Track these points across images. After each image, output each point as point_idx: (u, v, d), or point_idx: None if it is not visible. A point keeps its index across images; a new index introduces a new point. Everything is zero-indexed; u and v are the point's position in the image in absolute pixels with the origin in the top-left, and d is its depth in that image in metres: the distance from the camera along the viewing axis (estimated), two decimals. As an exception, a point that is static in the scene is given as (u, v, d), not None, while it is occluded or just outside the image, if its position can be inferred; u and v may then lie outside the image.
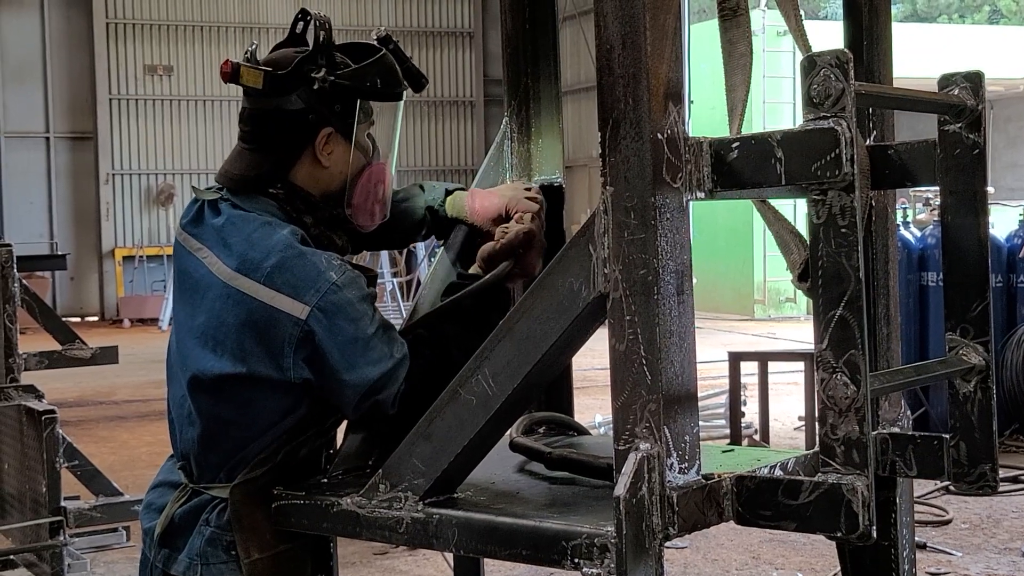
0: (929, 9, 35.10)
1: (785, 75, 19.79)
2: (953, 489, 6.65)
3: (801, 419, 9.70)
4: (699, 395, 2.05)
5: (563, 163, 2.86)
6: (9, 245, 5.88)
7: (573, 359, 2.40)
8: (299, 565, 2.43)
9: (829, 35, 9.56)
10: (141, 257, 23.39)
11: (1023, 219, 9.55)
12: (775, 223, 2.33)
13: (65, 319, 7.18)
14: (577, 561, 1.97)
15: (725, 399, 9.63)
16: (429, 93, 25.68)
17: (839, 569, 2.53)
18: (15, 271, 5.80)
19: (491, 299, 2.46)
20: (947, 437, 2.25)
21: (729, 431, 9.11)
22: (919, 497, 7.01)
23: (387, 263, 18.95)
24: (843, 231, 1.84)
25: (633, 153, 1.92)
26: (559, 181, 2.80)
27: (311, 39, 2.48)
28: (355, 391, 2.34)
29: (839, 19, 2.55)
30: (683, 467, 1.95)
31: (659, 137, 1.91)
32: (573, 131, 22.75)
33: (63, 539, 5.14)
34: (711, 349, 12.74)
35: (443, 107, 26.48)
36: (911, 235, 9.33)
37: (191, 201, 2.56)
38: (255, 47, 2.51)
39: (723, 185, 1.96)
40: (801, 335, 15.73)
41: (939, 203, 2.31)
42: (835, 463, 1.87)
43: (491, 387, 2.11)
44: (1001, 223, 9.80)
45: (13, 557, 5.44)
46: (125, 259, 23.46)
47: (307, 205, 2.49)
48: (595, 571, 1.94)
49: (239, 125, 2.54)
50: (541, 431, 2.76)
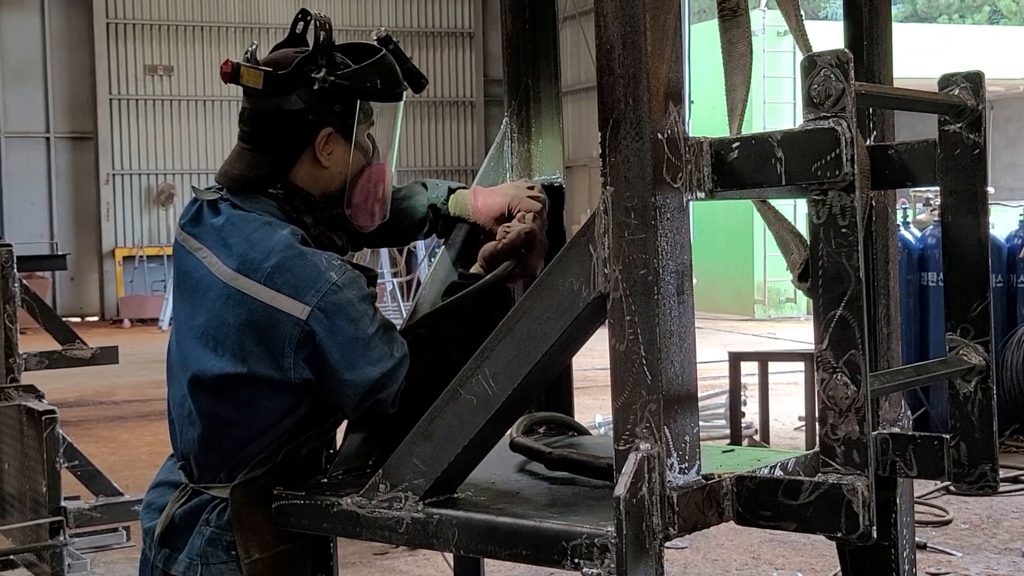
0: (929, 9, 35.09)
1: (785, 75, 19.79)
2: (953, 489, 6.67)
3: (801, 419, 9.70)
4: (699, 395, 2.05)
5: (563, 163, 2.86)
6: (9, 245, 5.87)
7: (573, 359, 2.40)
8: (299, 565, 2.43)
9: (829, 35, 9.56)
10: (141, 257, 23.40)
11: (1023, 219, 9.55)
12: (775, 223, 2.33)
13: (65, 319, 7.18)
14: (577, 561, 1.97)
15: (725, 399, 9.63)
16: (429, 93, 25.68)
17: (839, 569, 2.52)
18: (15, 271, 5.80)
19: (492, 299, 2.46)
20: (947, 437, 2.25)
21: (729, 431, 9.11)
22: (919, 497, 7.01)
23: (387, 263, 18.94)
24: (843, 231, 1.84)
25: (633, 153, 1.92)
26: (559, 181, 2.80)
27: (311, 39, 2.48)
28: (355, 391, 2.34)
29: (839, 19, 2.55)
30: (683, 467, 1.95)
31: (659, 137, 1.91)
32: (573, 131, 22.75)
33: (63, 539, 5.13)
34: (711, 349, 12.74)
35: (443, 107, 26.48)
36: (911, 235, 9.33)
37: (190, 201, 2.56)
38: (255, 47, 2.51)
39: (723, 185, 1.96)
40: (801, 335, 15.73)
41: (939, 203, 2.31)
42: (835, 463, 1.86)
43: (491, 387, 2.11)
44: (1001, 223, 9.80)
45: (13, 557, 5.44)
46: (125, 259, 23.47)
47: (307, 205, 2.49)
48: (595, 571, 1.94)
49: (239, 125, 2.54)
50: (541, 431, 2.76)
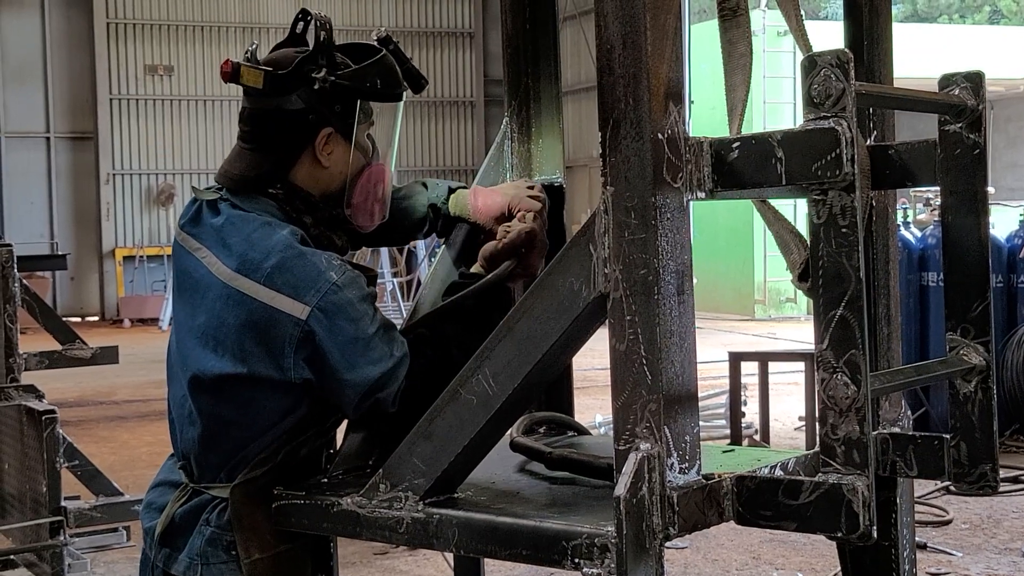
0: (929, 9, 35.09)
1: (785, 75, 19.79)
2: (953, 489, 6.67)
3: (801, 419, 9.70)
4: (699, 395, 2.05)
5: (563, 163, 2.86)
6: (9, 245, 5.87)
7: (573, 359, 2.40)
8: (299, 565, 2.43)
9: (830, 35, 9.55)
10: (141, 257, 23.41)
11: (1023, 219, 9.55)
12: (775, 223, 2.33)
13: (65, 319, 7.18)
14: (577, 561, 1.97)
15: (725, 399, 9.64)
16: (430, 93, 25.68)
17: (839, 569, 2.52)
18: (15, 271, 5.80)
19: (493, 299, 2.46)
20: (947, 437, 2.25)
21: (729, 431, 9.11)
22: (919, 497, 7.01)
23: (387, 263, 18.94)
24: (844, 231, 1.84)
25: (633, 153, 1.92)
26: (560, 181, 2.80)
27: (311, 39, 2.48)
28: (356, 391, 2.33)
29: (839, 19, 2.55)
30: (683, 467, 1.95)
31: (659, 137, 1.91)
32: (573, 131, 22.75)
33: (63, 539, 5.13)
34: (711, 349, 12.73)
35: (443, 107, 26.48)
36: (911, 235, 9.33)
37: (190, 201, 2.56)
38: (255, 47, 2.50)
39: (724, 185, 1.96)
40: (801, 335, 15.73)
41: (939, 203, 2.31)
42: (835, 463, 1.86)
43: (491, 387, 2.11)
44: (1001, 223, 9.80)
45: (13, 557, 5.44)
46: (125, 259, 23.48)
47: (307, 205, 2.49)
48: (595, 571, 1.93)
49: (239, 125, 2.53)
50: (541, 431, 2.76)
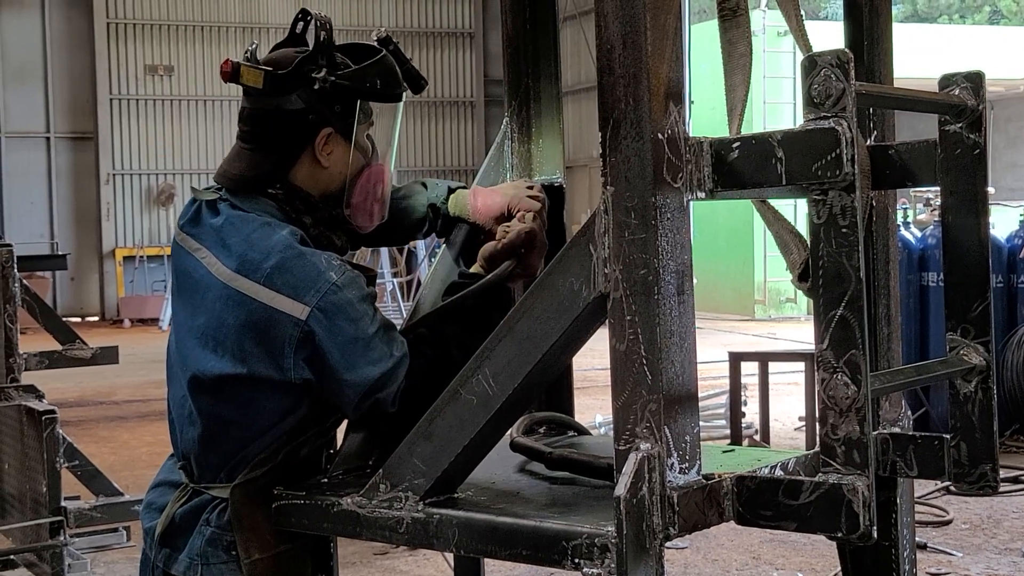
0: (929, 9, 35.08)
1: (786, 75, 19.80)
2: (953, 489, 6.68)
3: (801, 419, 9.70)
4: (699, 395, 2.05)
5: (563, 163, 2.86)
6: (10, 245, 5.87)
7: (573, 359, 2.40)
8: (299, 565, 2.42)
9: (830, 35, 9.55)
10: (142, 257, 23.41)
11: (1023, 219, 9.55)
12: (775, 223, 2.33)
13: (65, 319, 7.18)
14: (577, 561, 1.96)
15: (725, 399, 9.64)
16: (430, 93, 25.68)
17: (839, 569, 2.52)
18: (16, 271, 5.80)
19: (493, 299, 2.46)
20: (948, 437, 2.25)
21: (729, 431, 9.11)
22: (919, 497, 7.01)
23: (387, 263, 18.94)
24: (844, 231, 1.84)
25: (634, 153, 1.92)
26: (560, 181, 2.80)
27: (311, 39, 2.47)
28: (355, 391, 2.33)
29: (839, 19, 2.55)
30: (684, 467, 1.95)
31: (660, 137, 1.91)
32: (574, 131, 22.75)
33: (63, 539, 5.13)
34: (711, 349, 12.73)
35: (444, 107, 26.48)
36: (912, 235, 9.33)
37: (189, 201, 2.55)
38: (255, 47, 2.50)
39: (724, 185, 1.96)
40: (801, 335, 15.73)
41: (939, 203, 2.31)
42: (836, 463, 1.86)
43: (492, 387, 2.11)
44: (1001, 223, 9.81)
45: (13, 557, 5.44)
46: (125, 259, 23.49)
47: (306, 205, 2.49)
48: (595, 571, 1.93)
49: (238, 124, 2.53)
50: (541, 431, 2.76)
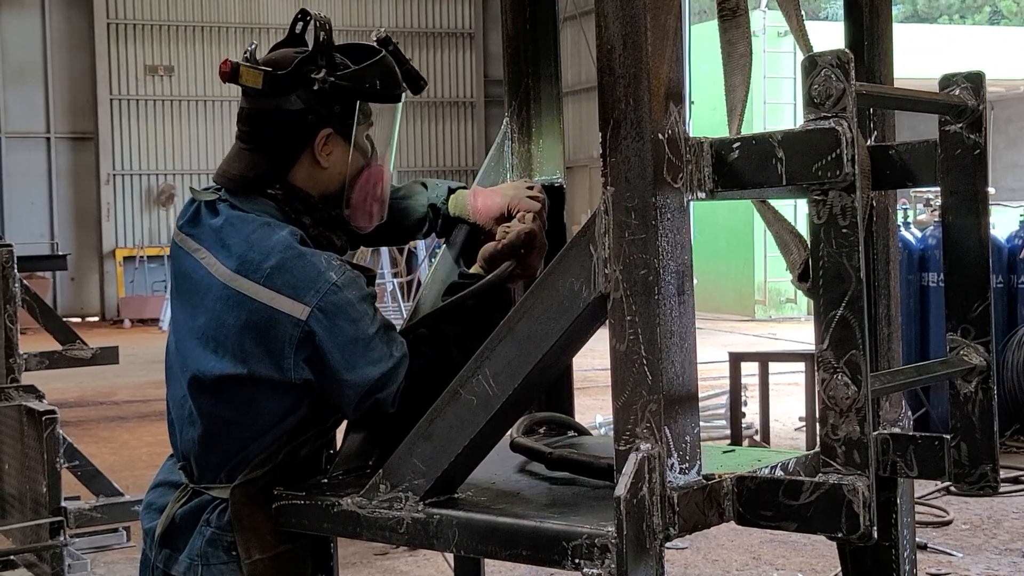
0: (930, 10, 35.08)
1: (786, 75, 19.80)
2: (954, 490, 6.68)
3: (802, 419, 9.70)
4: (700, 395, 2.05)
5: (564, 163, 2.86)
6: (10, 245, 5.87)
7: (574, 359, 2.40)
8: (300, 565, 2.42)
9: (830, 35, 9.54)
10: (142, 257, 23.41)
11: (1023, 219, 9.55)
12: (775, 223, 2.33)
13: (66, 319, 7.18)
14: (578, 561, 1.96)
15: (726, 399, 9.64)
16: (430, 94, 25.69)
17: (839, 570, 2.52)
18: (16, 271, 5.80)
19: (493, 299, 2.46)
20: (948, 438, 2.25)
21: (730, 431, 9.11)
22: (920, 498, 7.01)
23: (387, 263, 18.94)
24: (844, 231, 1.84)
25: (634, 153, 1.92)
26: (560, 181, 2.80)
27: (310, 39, 2.47)
28: (355, 391, 2.33)
29: (840, 19, 2.55)
30: (684, 467, 1.95)
31: (660, 137, 1.91)
32: (574, 131, 22.75)
33: (63, 539, 5.13)
34: (712, 349, 12.73)
35: (444, 108, 26.48)
36: (912, 235, 9.33)
37: (188, 202, 2.55)
38: (254, 47, 2.50)
39: (724, 185, 1.96)
40: (802, 336, 15.73)
41: (940, 203, 2.30)
42: (836, 463, 1.86)
43: (492, 387, 2.11)
44: (1002, 224, 9.81)
45: (13, 557, 5.44)
46: (126, 259, 23.49)
47: (306, 206, 2.49)
48: (596, 571, 1.93)
49: (237, 125, 2.53)
50: (542, 431, 2.76)
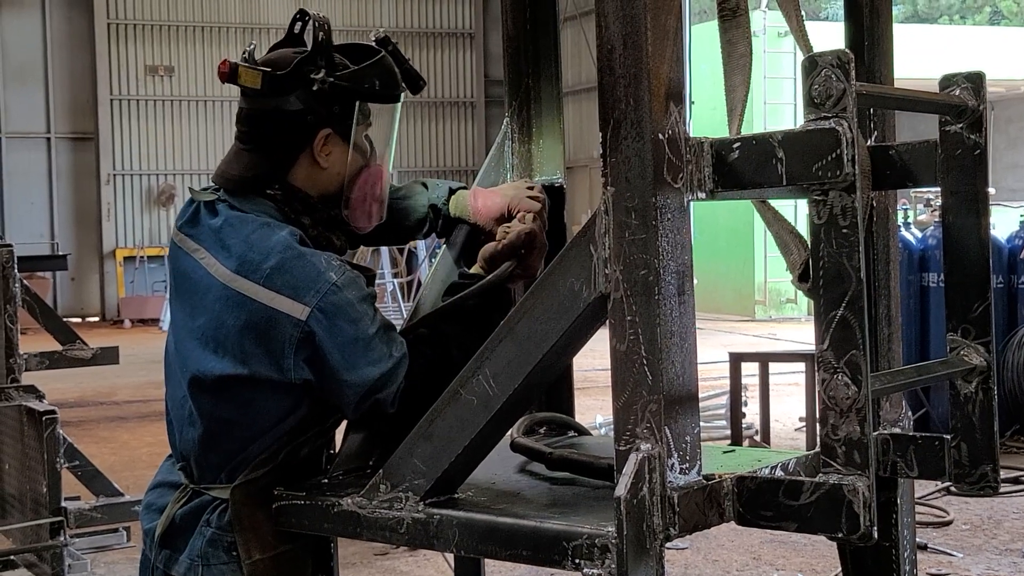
0: (930, 10, 35.08)
1: (786, 76, 19.80)
2: (954, 490, 6.68)
3: (802, 420, 9.70)
4: (700, 396, 2.05)
5: (564, 163, 2.85)
6: (10, 245, 5.88)
7: (574, 359, 2.40)
8: (300, 566, 2.42)
9: (830, 36, 9.54)
10: (142, 257, 23.42)
11: (1023, 220, 9.56)
12: (775, 223, 2.33)
13: (66, 319, 7.18)
14: (578, 562, 1.96)
15: (726, 400, 9.64)
16: (430, 94, 25.69)
17: (840, 570, 2.52)
18: (16, 271, 5.80)
19: (493, 299, 2.45)
20: (948, 438, 2.25)
21: (730, 432, 9.11)
22: (920, 498, 7.01)
23: (388, 263, 18.94)
24: (844, 231, 1.84)
25: (634, 153, 1.92)
26: (560, 181, 2.80)
27: (309, 40, 2.47)
28: (355, 391, 2.33)
29: (840, 20, 2.55)
30: (684, 467, 1.95)
31: (660, 137, 1.91)
32: (574, 131, 22.75)
33: (63, 539, 5.14)
34: (712, 350, 12.73)
35: (444, 108, 26.48)
36: (912, 236, 9.33)
37: (187, 202, 2.55)
38: (253, 47, 2.49)
39: (724, 185, 1.96)
40: (802, 336, 15.74)
41: (940, 204, 2.30)
42: (836, 464, 1.86)
43: (492, 387, 2.11)
44: (1002, 224, 9.81)
45: (13, 557, 5.44)
46: (126, 259, 23.49)
47: (305, 206, 2.48)
48: (596, 571, 1.93)
49: (236, 125, 2.52)
50: (542, 431, 2.76)
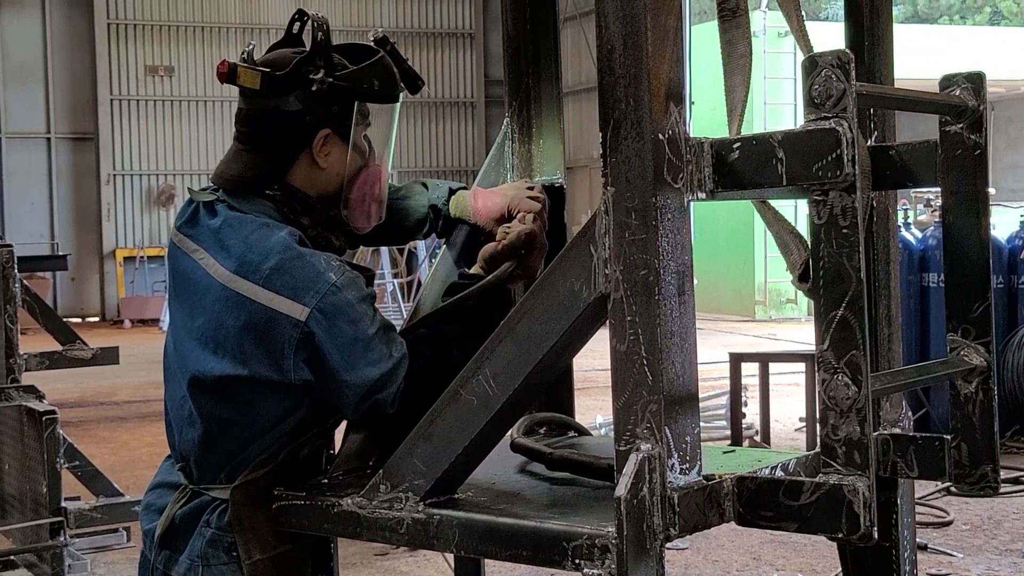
0: (930, 10, 35.08)
1: (786, 76, 19.80)
2: (954, 490, 6.68)
3: (802, 420, 9.70)
4: (700, 396, 2.05)
5: (564, 164, 2.85)
6: (10, 245, 5.87)
7: (574, 360, 2.40)
8: (300, 566, 2.42)
9: (830, 36, 9.54)
10: (142, 258, 23.42)
11: (1024, 220, 9.56)
12: (775, 224, 2.33)
13: (66, 320, 7.18)
14: (578, 562, 1.96)
15: (726, 400, 9.63)
16: (430, 94, 25.69)
17: (840, 570, 2.52)
18: (16, 271, 5.80)
19: (493, 300, 2.45)
20: (948, 438, 2.25)
21: (730, 432, 9.11)
22: (920, 498, 7.01)
23: (387, 263, 18.94)
24: (844, 231, 1.84)
25: (634, 153, 1.92)
26: (560, 182, 2.80)
27: (308, 40, 2.47)
28: (355, 392, 2.33)
29: (840, 20, 2.55)
30: (684, 468, 1.95)
31: (660, 137, 1.91)
32: (574, 132, 22.75)
33: (63, 540, 5.13)
34: (712, 350, 12.73)
35: (444, 108, 26.48)
36: (912, 236, 9.33)
37: (186, 202, 2.55)
38: (252, 47, 2.49)
39: (724, 185, 1.96)
40: (802, 336, 15.74)
41: (940, 204, 2.30)
42: (836, 464, 1.86)
43: (492, 387, 2.11)
44: (1002, 224, 9.81)
45: (14, 558, 5.44)
46: (126, 260, 23.49)
47: (304, 206, 2.48)
48: (596, 572, 1.93)
49: (235, 125, 2.52)
50: (542, 432, 2.76)
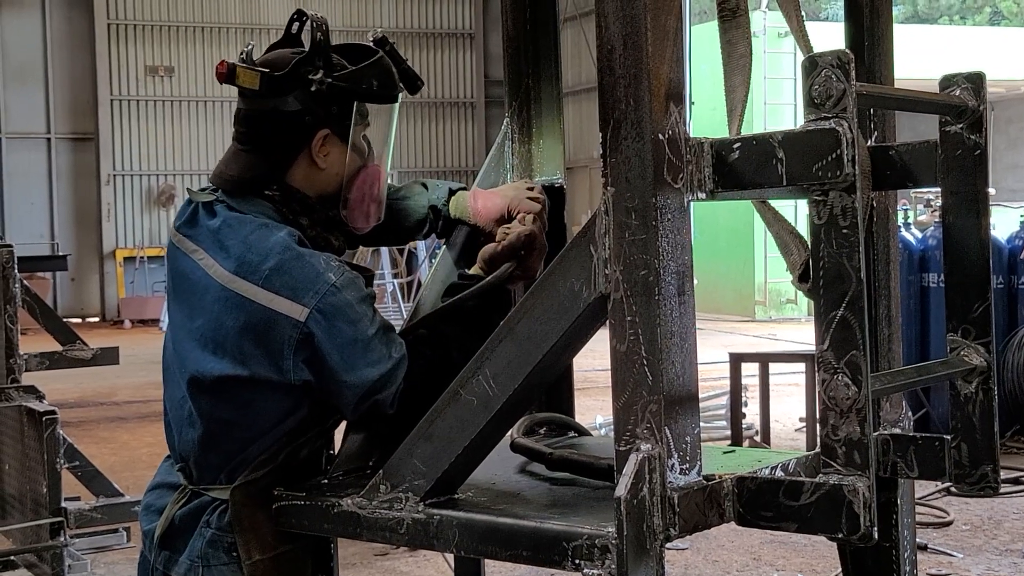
0: (930, 10, 35.08)
1: (786, 76, 19.80)
2: (954, 491, 6.68)
3: (802, 420, 9.70)
4: (700, 396, 2.05)
5: (564, 164, 2.85)
6: (10, 246, 5.87)
7: (574, 360, 2.40)
8: (300, 566, 2.42)
9: (830, 36, 9.54)
10: (142, 258, 23.42)
11: (1024, 220, 9.56)
12: (775, 224, 2.33)
13: (66, 320, 7.18)
14: (578, 562, 1.96)
15: (726, 400, 9.64)
16: (430, 94, 25.69)
17: (840, 570, 2.52)
18: (16, 272, 5.80)
19: (492, 300, 2.45)
20: (948, 438, 2.25)
21: (730, 432, 9.11)
22: (920, 499, 7.01)
23: (388, 264, 18.94)
24: (844, 232, 1.84)
25: (634, 154, 1.92)
26: (560, 182, 2.80)
27: (307, 40, 2.47)
28: (354, 392, 2.33)
29: (840, 20, 2.55)
30: (684, 468, 1.95)
31: (660, 138, 1.91)
32: (574, 132, 22.75)
33: (64, 540, 5.13)
34: (712, 350, 12.73)
35: (444, 108, 26.48)
36: (912, 236, 9.33)
37: (185, 202, 2.54)
38: (251, 48, 2.49)
39: (724, 186, 1.96)
40: (802, 336, 15.74)
41: (940, 204, 2.30)
42: (836, 464, 1.86)
43: (492, 388, 2.11)
44: (1002, 224, 9.81)
45: (14, 558, 5.44)
46: (126, 260, 23.49)
47: (303, 207, 2.48)
48: (596, 572, 1.93)
49: (234, 126, 2.52)
50: (542, 432, 2.76)
